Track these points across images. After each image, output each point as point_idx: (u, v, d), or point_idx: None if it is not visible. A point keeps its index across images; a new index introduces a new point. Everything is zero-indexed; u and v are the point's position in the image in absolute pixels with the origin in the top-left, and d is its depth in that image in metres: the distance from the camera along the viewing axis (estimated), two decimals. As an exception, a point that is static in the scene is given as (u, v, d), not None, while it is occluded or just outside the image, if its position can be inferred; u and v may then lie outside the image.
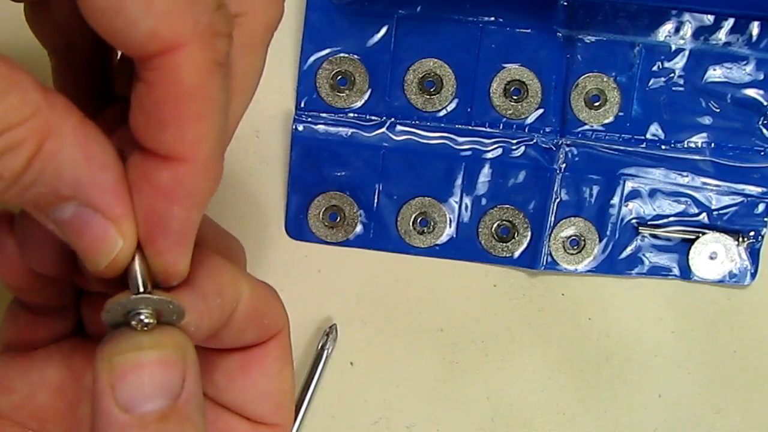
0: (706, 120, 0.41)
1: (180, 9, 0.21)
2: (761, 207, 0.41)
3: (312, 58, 0.40)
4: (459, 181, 0.41)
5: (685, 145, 0.41)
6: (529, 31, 0.40)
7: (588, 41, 0.40)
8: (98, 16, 0.21)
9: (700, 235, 0.41)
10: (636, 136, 0.41)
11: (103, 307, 0.23)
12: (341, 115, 0.41)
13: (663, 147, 0.41)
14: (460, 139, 0.41)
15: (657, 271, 0.42)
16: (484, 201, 0.41)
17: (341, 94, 0.41)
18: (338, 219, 0.41)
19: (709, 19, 0.40)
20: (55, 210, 0.22)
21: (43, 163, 0.21)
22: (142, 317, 0.22)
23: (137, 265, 0.23)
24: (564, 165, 0.41)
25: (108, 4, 0.20)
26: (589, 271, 0.42)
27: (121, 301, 0.22)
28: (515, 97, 0.41)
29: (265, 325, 0.27)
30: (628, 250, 0.42)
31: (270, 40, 0.27)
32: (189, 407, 0.23)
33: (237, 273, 0.26)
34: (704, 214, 0.41)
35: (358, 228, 0.41)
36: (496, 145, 0.41)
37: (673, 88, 0.41)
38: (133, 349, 0.22)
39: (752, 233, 0.41)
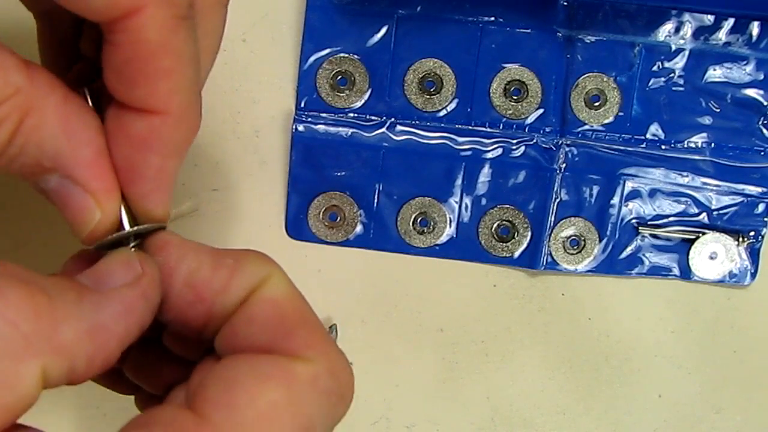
0: (706, 120, 0.41)
1: None
2: (761, 207, 0.41)
3: (312, 58, 0.40)
4: (459, 181, 0.41)
5: (685, 145, 0.41)
6: (529, 31, 0.40)
7: (588, 41, 0.40)
8: None
9: (700, 235, 0.41)
10: (636, 136, 0.41)
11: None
12: (341, 115, 0.41)
13: (663, 147, 0.41)
14: (460, 139, 0.41)
15: (657, 271, 0.42)
16: (484, 201, 0.41)
17: (341, 94, 0.41)
18: (338, 219, 0.41)
19: (709, 19, 0.40)
20: (41, 180, 0.23)
21: (26, 137, 0.22)
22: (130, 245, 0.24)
23: (122, 210, 0.24)
24: (564, 165, 0.41)
25: None
26: (589, 271, 0.42)
27: (109, 238, 0.24)
28: (515, 97, 0.41)
29: None
30: (628, 250, 0.42)
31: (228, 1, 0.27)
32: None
33: None
34: (704, 214, 0.41)
35: (358, 228, 0.41)
36: (496, 145, 0.41)
37: (673, 88, 0.41)
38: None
39: (752, 233, 0.41)
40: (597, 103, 0.41)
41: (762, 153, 0.41)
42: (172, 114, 0.23)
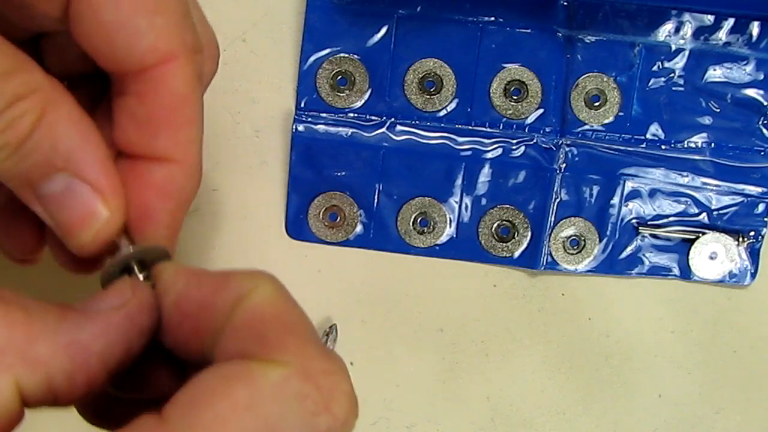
0: (706, 120, 0.41)
1: (174, 26, 0.24)
2: (761, 207, 0.41)
3: (312, 58, 0.40)
4: (459, 181, 0.41)
5: (685, 145, 0.41)
6: (529, 31, 0.40)
7: (588, 41, 0.40)
8: (98, 31, 0.23)
9: (700, 235, 0.41)
10: (636, 136, 0.41)
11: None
12: (341, 115, 0.41)
13: (663, 147, 0.41)
14: (460, 139, 0.41)
15: (657, 271, 0.42)
16: (484, 201, 0.41)
17: (341, 94, 0.41)
18: (338, 219, 0.41)
19: (709, 19, 0.40)
20: (46, 183, 0.24)
21: (43, 131, 0.23)
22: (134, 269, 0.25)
23: (124, 239, 0.25)
24: (564, 165, 0.41)
25: (113, 18, 0.23)
26: (589, 271, 0.42)
27: (111, 264, 0.25)
28: (515, 97, 0.41)
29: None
30: (628, 250, 0.42)
31: (204, 91, 0.28)
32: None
33: None
34: (704, 214, 0.41)
35: (358, 228, 0.41)
36: (496, 145, 0.41)
37: (673, 88, 0.41)
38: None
39: (752, 233, 0.41)
40: (597, 103, 0.41)
41: (762, 153, 0.41)
42: (188, 163, 0.25)
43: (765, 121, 0.41)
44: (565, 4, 0.40)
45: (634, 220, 0.41)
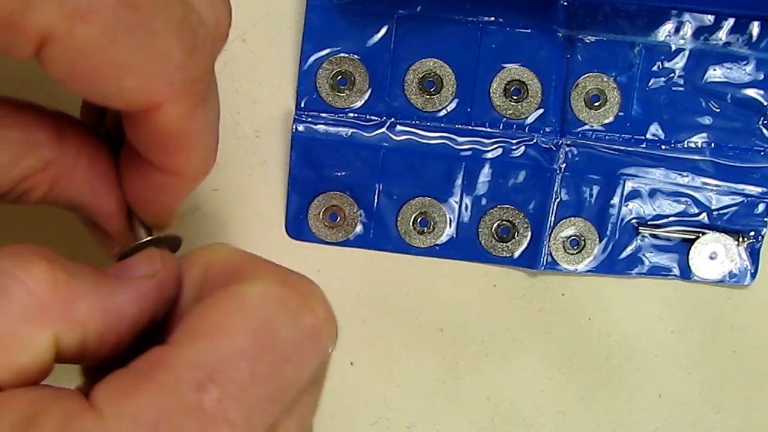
0: (706, 120, 0.41)
1: (150, 79, 0.23)
2: (761, 207, 0.41)
3: (312, 58, 0.40)
4: (459, 181, 0.41)
5: (685, 145, 0.41)
6: (529, 31, 0.40)
7: (588, 41, 0.40)
8: (81, 90, 0.23)
9: (700, 235, 0.41)
10: (636, 136, 0.41)
11: None
12: (341, 115, 0.41)
13: (663, 147, 0.41)
14: (460, 139, 0.41)
15: (657, 271, 0.42)
16: (484, 201, 0.41)
17: (341, 94, 0.41)
18: (338, 219, 0.41)
19: (709, 19, 0.40)
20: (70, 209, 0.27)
21: (56, 196, 0.26)
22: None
23: (137, 224, 0.28)
24: (564, 165, 0.41)
25: (86, 87, 0.23)
26: (589, 271, 0.42)
27: (129, 247, 0.27)
28: (515, 97, 0.41)
29: None
30: (628, 250, 0.42)
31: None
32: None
33: None
34: (704, 214, 0.41)
35: (358, 228, 0.41)
36: (496, 145, 0.41)
37: (673, 88, 0.41)
38: None
39: (752, 233, 0.41)
40: (597, 103, 0.41)
41: (762, 153, 0.41)
42: (184, 174, 0.26)
43: (765, 121, 0.41)
44: (565, 4, 0.40)
45: (634, 220, 0.41)
